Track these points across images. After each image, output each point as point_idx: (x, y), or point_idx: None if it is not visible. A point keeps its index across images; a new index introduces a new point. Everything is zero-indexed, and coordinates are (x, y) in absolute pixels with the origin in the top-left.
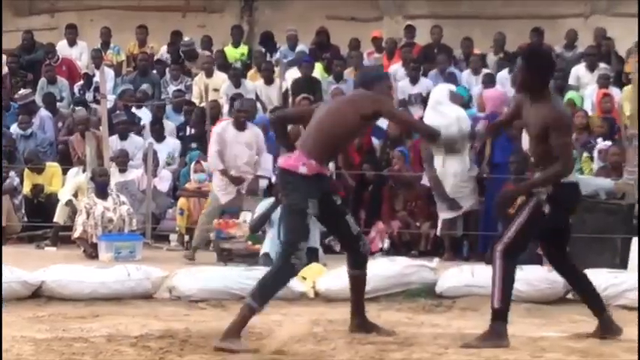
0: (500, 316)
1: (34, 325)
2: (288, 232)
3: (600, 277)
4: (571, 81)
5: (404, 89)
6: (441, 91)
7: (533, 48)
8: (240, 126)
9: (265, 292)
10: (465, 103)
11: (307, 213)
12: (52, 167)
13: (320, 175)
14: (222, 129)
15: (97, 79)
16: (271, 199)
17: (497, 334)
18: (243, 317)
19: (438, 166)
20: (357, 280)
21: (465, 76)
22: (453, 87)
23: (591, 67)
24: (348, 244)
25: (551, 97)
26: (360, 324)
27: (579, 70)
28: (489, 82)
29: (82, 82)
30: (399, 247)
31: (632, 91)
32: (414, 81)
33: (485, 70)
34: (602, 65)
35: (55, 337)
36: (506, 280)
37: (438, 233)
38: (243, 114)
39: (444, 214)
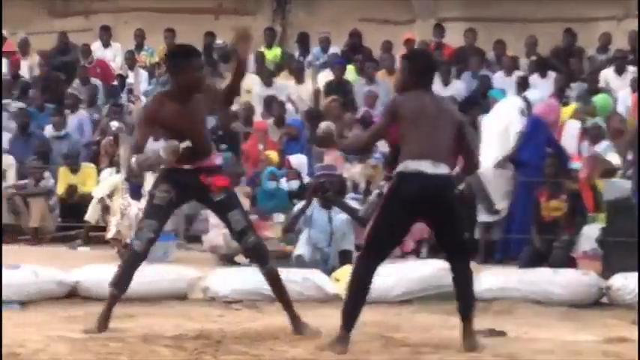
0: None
1: (70, 325)
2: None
3: (634, 280)
4: (602, 84)
5: (436, 92)
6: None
7: (413, 50)
8: None
9: (118, 277)
10: None
11: (154, 195)
12: (88, 168)
13: (178, 169)
14: None
15: (130, 80)
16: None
17: (337, 338)
18: (107, 304)
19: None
20: (268, 276)
21: (498, 78)
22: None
23: (620, 71)
24: (237, 241)
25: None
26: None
27: (608, 74)
28: (523, 84)
29: (115, 83)
30: (432, 250)
31: None
32: (445, 83)
33: (518, 73)
34: (631, 69)
35: (90, 337)
36: (351, 281)
37: (477, 236)
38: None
39: (484, 217)
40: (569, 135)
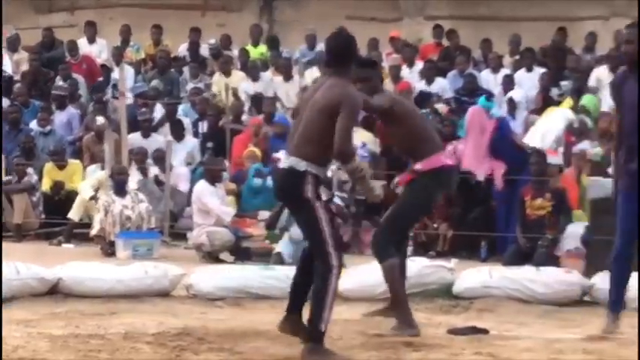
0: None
1: (51, 322)
2: None
3: None
4: (592, 83)
5: (420, 90)
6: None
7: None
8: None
9: None
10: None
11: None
12: (74, 164)
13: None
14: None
15: (115, 75)
16: None
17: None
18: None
19: None
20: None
21: (484, 75)
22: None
23: (614, 70)
24: None
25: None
26: None
27: (601, 73)
28: (509, 83)
29: (101, 78)
30: (416, 247)
31: None
32: (429, 81)
33: (504, 71)
34: (622, 68)
35: (71, 334)
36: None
37: None
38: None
39: None
40: (552, 129)
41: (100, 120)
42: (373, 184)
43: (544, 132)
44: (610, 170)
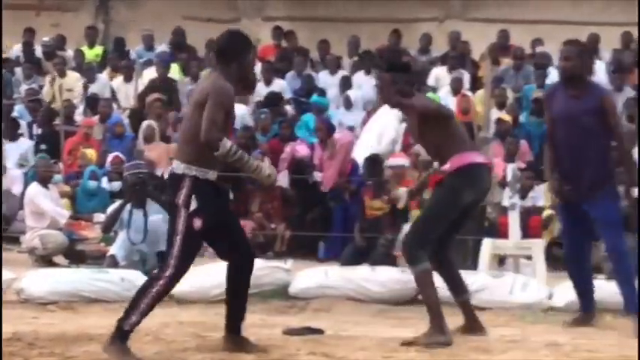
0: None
1: None
2: None
3: None
4: (431, 82)
5: (258, 90)
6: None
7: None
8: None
9: None
10: (325, 109)
11: None
12: None
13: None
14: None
15: None
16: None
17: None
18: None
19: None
20: None
21: (322, 76)
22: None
23: (451, 70)
24: None
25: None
26: None
27: (439, 73)
28: (346, 84)
29: None
30: (254, 248)
31: (484, 95)
32: (267, 82)
33: (342, 72)
34: (461, 70)
35: None
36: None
37: None
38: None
39: None
40: (388, 130)
41: None
42: (259, 164)
43: (379, 134)
44: None
